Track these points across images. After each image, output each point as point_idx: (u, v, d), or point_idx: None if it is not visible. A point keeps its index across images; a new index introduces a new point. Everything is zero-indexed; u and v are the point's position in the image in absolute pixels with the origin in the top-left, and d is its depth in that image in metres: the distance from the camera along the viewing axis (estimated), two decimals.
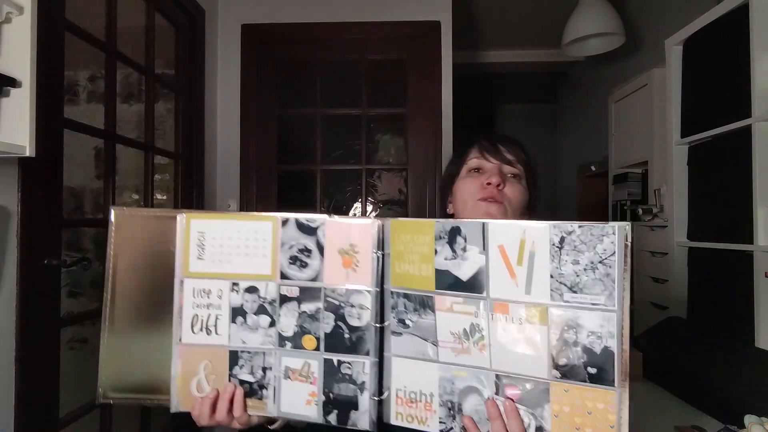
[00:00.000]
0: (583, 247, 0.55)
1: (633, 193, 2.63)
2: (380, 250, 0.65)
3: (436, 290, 0.62)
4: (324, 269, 0.66)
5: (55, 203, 1.40)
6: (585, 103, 4.08)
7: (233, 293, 0.68)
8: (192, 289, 0.69)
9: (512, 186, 0.88)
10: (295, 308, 0.66)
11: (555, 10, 3.08)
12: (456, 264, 0.61)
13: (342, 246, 0.66)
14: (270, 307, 0.67)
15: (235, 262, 0.68)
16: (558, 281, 0.56)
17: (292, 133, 2.66)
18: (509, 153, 0.89)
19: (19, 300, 1.25)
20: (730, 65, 1.63)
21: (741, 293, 1.56)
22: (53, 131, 1.38)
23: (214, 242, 0.68)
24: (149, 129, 1.91)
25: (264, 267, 0.67)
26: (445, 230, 0.61)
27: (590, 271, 0.54)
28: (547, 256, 0.56)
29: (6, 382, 1.22)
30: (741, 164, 1.55)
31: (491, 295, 0.59)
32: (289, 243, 0.67)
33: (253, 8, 2.52)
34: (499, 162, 0.88)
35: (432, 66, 2.48)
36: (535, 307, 0.57)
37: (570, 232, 0.55)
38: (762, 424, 0.95)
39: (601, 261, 0.54)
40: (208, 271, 0.68)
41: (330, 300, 0.66)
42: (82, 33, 1.52)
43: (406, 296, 0.64)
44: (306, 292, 0.66)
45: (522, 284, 0.57)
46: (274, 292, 0.67)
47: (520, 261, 0.58)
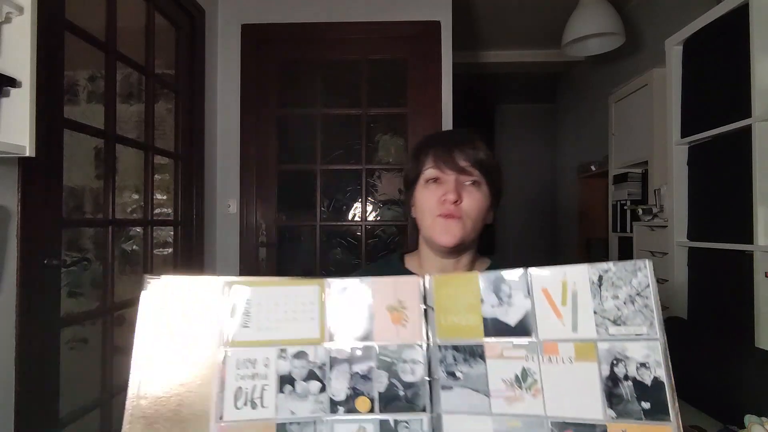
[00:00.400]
0: (620, 283, 0.59)
1: (633, 193, 2.63)
2: (424, 303, 0.66)
3: (485, 337, 0.63)
4: (374, 328, 0.66)
5: (55, 203, 1.40)
6: (585, 103, 4.08)
7: (281, 360, 0.65)
8: (236, 360, 0.65)
9: (470, 196, 0.87)
10: (347, 369, 0.65)
11: (555, 10, 3.08)
12: (503, 310, 0.63)
13: (390, 303, 0.66)
14: (320, 372, 0.65)
15: (283, 328, 0.67)
16: (602, 316, 0.59)
17: (292, 133, 2.66)
18: (465, 159, 0.87)
19: (19, 300, 1.25)
20: (730, 65, 1.63)
21: (741, 293, 1.56)
22: (53, 131, 1.38)
23: (260, 309, 0.67)
24: (149, 129, 1.91)
25: (312, 331, 0.66)
26: (489, 280, 0.64)
27: (630, 303, 0.58)
28: (589, 294, 0.60)
29: (6, 382, 1.22)
30: (741, 164, 1.55)
31: (540, 336, 0.61)
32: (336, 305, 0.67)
33: (253, 8, 2.52)
34: (455, 172, 0.86)
35: (432, 66, 2.48)
36: (583, 343, 0.59)
37: (606, 271, 0.60)
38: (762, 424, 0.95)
39: (638, 293, 0.58)
40: (254, 340, 0.66)
41: (382, 358, 0.65)
42: (82, 33, 1.52)
43: (454, 348, 0.64)
44: (356, 353, 0.65)
45: (568, 323, 0.60)
46: (324, 356, 0.65)
47: (564, 301, 0.61)
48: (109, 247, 1.66)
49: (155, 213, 1.99)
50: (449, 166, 0.86)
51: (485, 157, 0.88)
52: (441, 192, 0.87)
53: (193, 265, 2.21)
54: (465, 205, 0.86)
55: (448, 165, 0.86)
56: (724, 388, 1.35)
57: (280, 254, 2.61)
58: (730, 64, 1.63)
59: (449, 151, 0.87)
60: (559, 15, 2.97)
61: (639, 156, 2.50)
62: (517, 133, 5.57)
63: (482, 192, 0.88)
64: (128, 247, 1.86)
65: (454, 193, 0.85)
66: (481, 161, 0.87)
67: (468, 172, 0.86)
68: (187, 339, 0.67)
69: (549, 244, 5.16)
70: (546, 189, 5.30)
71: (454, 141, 0.88)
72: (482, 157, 0.87)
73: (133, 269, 1.88)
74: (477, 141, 0.89)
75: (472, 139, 0.89)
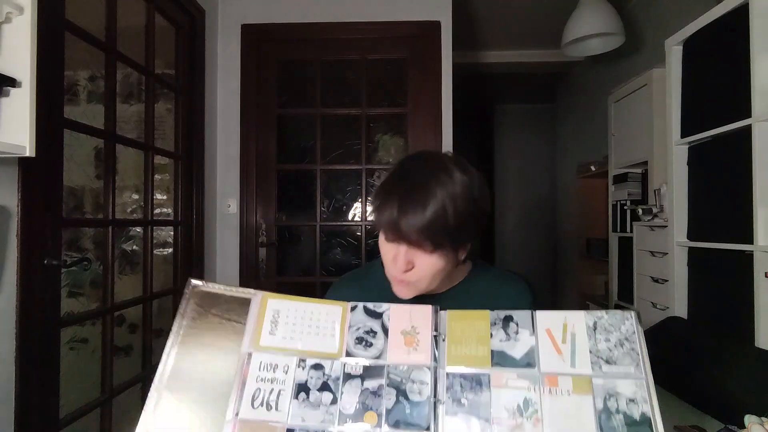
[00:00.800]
0: (612, 329, 0.69)
1: (633, 193, 2.63)
2: (435, 331, 0.72)
3: (492, 367, 0.68)
4: (387, 348, 0.71)
5: (55, 203, 1.40)
6: (585, 103, 4.08)
7: (299, 369, 0.70)
8: (259, 362, 0.71)
9: (423, 261, 0.81)
10: (358, 385, 0.69)
11: (555, 10, 3.08)
12: (510, 345, 0.70)
13: (404, 328, 0.72)
14: (333, 385, 0.69)
15: (305, 340, 0.72)
16: (596, 356, 0.67)
17: (292, 133, 2.66)
18: (414, 232, 0.77)
19: (19, 300, 1.25)
20: (730, 65, 1.63)
21: (741, 293, 1.56)
22: (53, 131, 1.38)
23: (288, 320, 0.74)
24: (149, 129, 1.91)
25: (331, 346, 0.72)
26: (499, 318, 0.72)
27: (619, 346, 0.67)
28: (585, 336, 0.69)
29: (6, 382, 1.22)
30: (741, 164, 1.55)
31: (542, 369, 0.67)
32: (356, 325, 0.73)
33: (253, 8, 2.52)
34: (405, 243, 0.80)
35: (432, 66, 2.48)
36: (580, 377, 0.67)
37: (600, 318, 0.70)
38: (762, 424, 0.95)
39: (626, 338, 0.68)
40: (278, 346, 0.72)
41: (392, 377, 0.69)
42: (82, 33, 1.52)
43: (462, 376, 0.69)
44: (369, 371, 0.70)
45: (567, 359, 0.68)
46: (339, 370, 0.70)
47: (564, 340, 0.69)
48: (109, 247, 1.66)
49: (155, 213, 1.99)
50: (398, 237, 0.80)
51: (440, 228, 0.77)
52: (393, 254, 0.82)
53: (193, 265, 2.21)
54: (417, 270, 0.82)
55: (397, 236, 0.80)
56: (724, 388, 1.35)
57: (280, 254, 2.61)
58: (730, 64, 1.63)
59: (397, 222, 0.78)
60: (559, 15, 2.97)
61: (639, 156, 2.50)
62: (517, 133, 5.57)
63: (437, 255, 0.81)
64: (128, 247, 1.86)
65: (403, 261, 0.81)
66: (433, 230, 0.77)
67: (418, 243, 0.79)
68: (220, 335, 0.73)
69: (549, 244, 5.16)
70: (546, 189, 5.30)
71: (403, 209, 0.78)
72: (436, 230, 0.77)
73: (133, 269, 1.88)
74: (434, 213, 0.77)
75: (425, 201, 0.77)
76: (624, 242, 2.69)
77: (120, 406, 1.70)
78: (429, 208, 0.77)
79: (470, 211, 0.80)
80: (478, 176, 0.85)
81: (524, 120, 5.58)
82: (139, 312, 1.86)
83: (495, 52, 3.92)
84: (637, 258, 2.38)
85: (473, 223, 0.82)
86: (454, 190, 0.79)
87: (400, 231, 0.79)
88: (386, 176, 0.87)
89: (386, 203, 0.80)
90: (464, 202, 0.79)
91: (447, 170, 0.81)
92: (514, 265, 5.13)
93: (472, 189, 0.81)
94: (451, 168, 0.81)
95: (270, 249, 2.55)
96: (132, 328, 1.85)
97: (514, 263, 5.24)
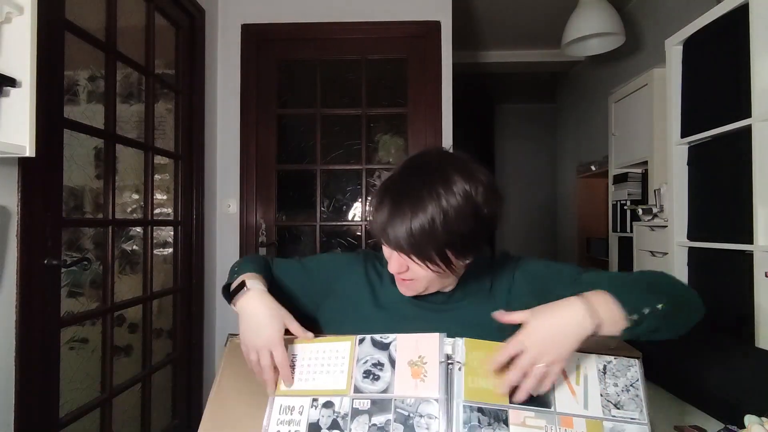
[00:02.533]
0: (619, 374, 0.72)
1: (633, 193, 2.63)
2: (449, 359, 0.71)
3: (510, 404, 0.68)
4: (394, 380, 0.71)
5: (55, 203, 1.40)
6: (585, 103, 4.08)
7: (312, 409, 0.72)
8: (279, 406, 0.73)
9: (413, 266, 0.80)
10: (366, 421, 0.69)
11: (555, 10, 3.08)
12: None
13: (411, 358, 0.72)
14: (342, 422, 0.69)
15: (318, 379, 0.74)
16: (606, 399, 0.70)
17: (292, 133, 2.66)
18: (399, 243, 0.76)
19: (19, 300, 1.25)
20: (730, 65, 1.63)
21: (741, 293, 1.56)
22: (53, 131, 1.38)
23: (303, 362, 0.76)
24: (149, 129, 1.91)
25: (340, 382, 0.73)
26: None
27: (625, 392, 0.71)
28: (596, 379, 0.72)
29: (6, 382, 1.22)
30: (741, 164, 1.55)
31: (558, 410, 0.68)
32: (364, 358, 0.74)
33: (253, 8, 2.52)
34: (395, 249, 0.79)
35: (432, 66, 2.48)
36: (593, 420, 0.69)
37: (609, 362, 0.73)
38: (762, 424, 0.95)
39: (631, 385, 0.71)
40: (295, 389, 0.74)
41: (399, 411, 0.69)
42: (82, 33, 1.52)
43: (480, 410, 0.68)
44: (377, 405, 0.70)
45: (581, 401, 0.70)
46: (347, 406, 0.70)
47: (578, 381, 0.72)
48: (109, 247, 1.66)
49: (155, 213, 1.99)
50: (388, 243, 0.80)
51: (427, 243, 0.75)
52: (389, 254, 0.82)
53: (193, 265, 2.21)
54: (411, 273, 0.81)
55: (387, 242, 0.80)
56: (724, 388, 1.35)
57: (280, 254, 2.61)
58: (730, 64, 1.63)
59: (385, 230, 0.77)
60: (559, 15, 2.97)
61: (639, 156, 2.50)
62: (517, 133, 5.57)
63: (429, 265, 0.78)
64: (128, 247, 1.86)
65: (396, 264, 0.81)
66: (418, 244, 0.75)
67: (405, 252, 0.78)
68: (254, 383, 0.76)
69: (549, 244, 5.16)
70: (546, 189, 5.30)
71: (391, 220, 0.76)
72: (419, 239, 0.75)
73: (133, 269, 1.88)
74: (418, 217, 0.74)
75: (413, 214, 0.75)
76: (624, 242, 2.69)
77: (120, 406, 1.70)
78: (415, 222, 0.74)
79: (468, 224, 0.76)
80: (488, 182, 0.80)
81: (524, 120, 5.59)
82: (139, 312, 1.86)
83: (495, 52, 3.92)
84: (637, 258, 2.38)
85: (474, 235, 0.78)
86: (449, 204, 0.75)
87: (387, 239, 0.78)
88: (389, 175, 0.84)
89: (378, 209, 0.79)
90: (459, 215, 0.75)
91: (447, 181, 0.76)
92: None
93: (475, 200, 0.77)
94: (453, 179, 0.77)
95: (270, 249, 2.55)
96: (132, 328, 1.85)
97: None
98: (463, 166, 0.80)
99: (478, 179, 0.79)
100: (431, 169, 0.80)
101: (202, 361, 2.28)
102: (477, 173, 0.80)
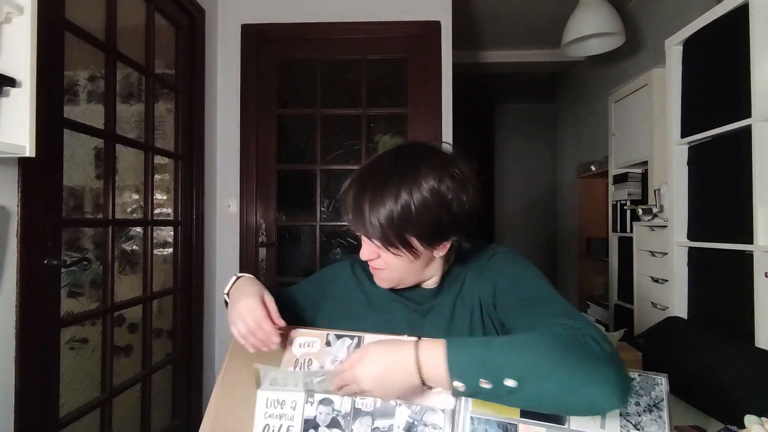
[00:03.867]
0: (642, 392, 0.68)
1: (633, 193, 2.63)
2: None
3: (520, 418, 0.65)
4: None
5: (55, 203, 1.40)
6: (585, 103, 4.08)
7: (308, 405, 0.69)
8: (266, 399, 0.71)
9: (384, 253, 0.79)
10: (369, 423, 0.67)
11: (555, 10, 3.08)
12: None
13: None
14: (343, 421, 0.67)
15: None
16: (625, 419, 0.66)
17: (291, 133, 2.66)
18: (365, 229, 0.77)
19: (19, 300, 1.25)
20: (730, 65, 1.63)
21: (741, 293, 1.56)
22: (53, 131, 1.38)
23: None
24: (149, 129, 1.91)
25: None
26: None
27: (648, 412, 0.66)
28: None
29: (6, 382, 1.22)
30: (741, 164, 1.55)
31: (572, 427, 0.64)
32: None
33: (253, 8, 2.52)
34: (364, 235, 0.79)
35: (432, 66, 2.48)
36: None
37: (632, 379, 0.68)
38: (762, 424, 0.95)
39: (655, 405, 0.67)
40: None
41: (405, 417, 0.67)
42: (82, 33, 1.52)
43: (488, 422, 0.66)
44: (381, 408, 0.67)
45: (598, 419, 0.65)
46: (348, 406, 0.68)
47: None
48: (109, 247, 1.66)
49: (155, 213, 1.99)
50: (356, 229, 0.79)
51: (384, 227, 0.75)
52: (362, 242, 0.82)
53: (193, 265, 2.21)
54: (382, 261, 0.81)
55: (355, 228, 0.79)
56: (724, 388, 1.35)
57: (280, 254, 2.61)
58: (730, 64, 1.63)
59: (353, 220, 0.79)
60: (559, 15, 2.97)
61: (639, 156, 2.50)
62: (517, 133, 5.56)
63: (396, 253, 0.78)
64: (128, 247, 1.86)
65: (366, 250, 0.81)
66: (379, 232, 0.76)
67: (368, 236, 0.79)
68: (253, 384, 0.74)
69: (549, 244, 5.16)
70: (546, 189, 5.30)
71: (354, 207, 0.78)
72: (380, 227, 0.75)
73: (133, 269, 1.87)
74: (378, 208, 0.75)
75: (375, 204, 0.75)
76: (624, 242, 2.69)
77: (120, 406, 1.70)
78: (376, 212, 0.75)
79: (432, 214, 0.76)
80: (461, 175, 0.80)
81: (524, 120, 5.58)
82: (139, 312, 1.86)
83: (495, 52, 3.92)
84: (637, 258, 2.38)
85: (440, 224, 0.77)
86: (411, 196, 0.75)
87: (356, 224, 0.78)
88: (363, 163, 0.85)
89: (345, 194, 0.80)
90: (422, 205, 0.75)
91: (414, 174, 0.77)
92: None
93: (440, 192, 0.77)
94: (421, 170, 0.77)
95: (270, 249, 2.55)
96: (132, 328, 1.85)
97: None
98: (436, 159, 0.80)
99: (449, 172, 0.79)
100: (401, 163, 0.80)
101: (202, 361, 2.28)
102: (450, 167, 0.80)
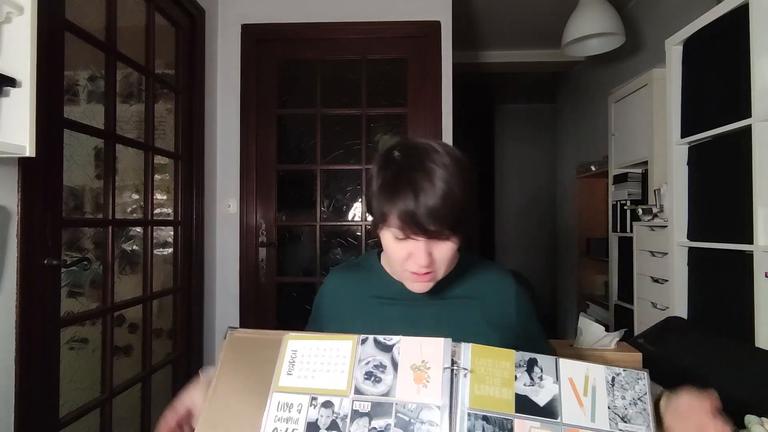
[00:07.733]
0: (628, 386, 0.70)
1: (633, 193, 2.63)
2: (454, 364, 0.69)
3: (516, 413, 0.67)
4: (396, 384, 0.70)
5: (55, 203, 1.40)
6: (585, 103, 4.08)
7: (311, 408, 0.70)
8: (278, 402, 0.71)
9: (441, 249, 0.80)
10: (366, 424, 0.67)
11: (555, 10, 3.08)
12: (534, 390, 0.69)
13: (414, 362, 0.70)
14: (342, 423, 0.68)
15: (318, 377, 0.72)
16: (613, 412, 0.69)
17: (291, 133, 2.66)
18: (434, 223, 0.75)
19: (19, 300, 1.25)
20: (730, 65, 1.63)
21: (741, 293, 1.56)
22: (53, 131, 1.38)
23: (303, 359, 0.74)
24: (149, 129, 1.91)
25: (341, 383, 0.71)
26: (523, 360, 0.71)
27: (633, 405, 0.69)
28: (605, 391, 0.70)
29: (6, 382, 1.22)
30: (741, 164, 1.55)
31: (564, 421, 0.67)
32: (366, 359, 0.72)
33: (253, 8, 2.52)
34: (424, 238, 0.78)
35: (432, 66, 2.48)
36: None
37: (618, 374, 0.71)
38: (762, 424, 0.95)
39: (639, 398, 0.70)
40: (293, 386, 0.72)
41: (400, 416, 0.67)
42: (82, 33, 1.52)
43: (485, 418, 0.66)
44: (377, 408, 0.68)
45: (588, 413, 0.68)
46: (347, 408, 0.69)
47: (586, 392, 0.70)
48: (109, 247, 1.66)
49: (155, 213, 1.99)
50: (417, 233, 0.77)
51: (454, 208, 0.76)
52: (409, 251, 0.80)
53: (193, 265, 2.21)
54: (437, 259, 0.80)
55: (416, 232, 0.77)
56: (724, 389, 1.35)
57: (280, 254, 2.61)
58: (730, 64, 1.63)
59: (415, 217, 0.75)
60: (559, 15, 2.97)
61: (639, 156, 2.50)
62: (517, 133, 5.56)
63: (454, 239, 0.80)
64: (128, 247, 1.86)
65: (424, 257, 0.79)
66: (450, 214, 0.76)
67: (438, 233, 0.77)
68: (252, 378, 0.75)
69: (549, 244, 5.16)
70: (546, 189, 5.30)
71: (418, 199, 0.75)
72: (453, 211, 0.76)
73: (133, 269, 1.88)
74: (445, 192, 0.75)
75: (434, 186, 0.75)
76: (624, 242, 2.69)
77: (120, 406, 1.70)
78: (440, 191, 0.75)
79: (470, 188, 0.80)
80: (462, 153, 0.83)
81: (524, 120, 5.58)
82: (139, 312, 1.86)
83: (495, 52, 3.92)
84: (637, 258, 2.38)
85: (474, 201, 0.81)
86: (451, 170, 0.77)
87: (418, 223, 0.75)
88: (377, 176, 0.82)
89: (396, 199, 0.76)
90: (462, 179, 0.78)
91: (436, 152, 0.79)
92: (515, 265, 5.12)
93: (462, 164, 0.80)
94: (437, 149, 0.80)
95: (270, 249, 2.55)
96: (132, 328, 1.85)
97: (514, 263, 5.23)
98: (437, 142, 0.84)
99: (453, 149, 0.83)
100: (418, 149, 0.81)
101: (202, 361, 2.28)
102: (448, 145, 0.84)
